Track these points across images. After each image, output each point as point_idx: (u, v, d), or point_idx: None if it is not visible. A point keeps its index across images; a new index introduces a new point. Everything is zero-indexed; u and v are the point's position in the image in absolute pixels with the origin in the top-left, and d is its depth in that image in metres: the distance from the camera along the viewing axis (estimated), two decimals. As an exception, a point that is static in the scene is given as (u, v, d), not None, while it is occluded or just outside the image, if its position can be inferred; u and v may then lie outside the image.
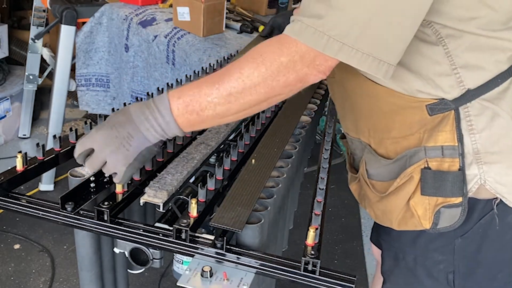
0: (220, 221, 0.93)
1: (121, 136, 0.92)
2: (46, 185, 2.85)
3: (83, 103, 2.89)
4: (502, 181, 1.02)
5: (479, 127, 0.99)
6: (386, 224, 1.15)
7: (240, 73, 0.87)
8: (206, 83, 0.90)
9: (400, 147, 1.07)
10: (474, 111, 0.99)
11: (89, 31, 2.72)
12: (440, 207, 1.04)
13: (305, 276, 0.88)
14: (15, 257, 2.38)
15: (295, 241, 1.63)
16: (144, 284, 2.29)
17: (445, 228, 1.05)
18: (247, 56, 0.88)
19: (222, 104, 0.89)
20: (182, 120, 0.91)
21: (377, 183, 1.14)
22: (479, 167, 1.01)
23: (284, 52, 0.86)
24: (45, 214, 0.98)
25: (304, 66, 0.86)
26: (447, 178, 1.02)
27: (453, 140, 1.00)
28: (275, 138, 1.29)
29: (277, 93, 0.89)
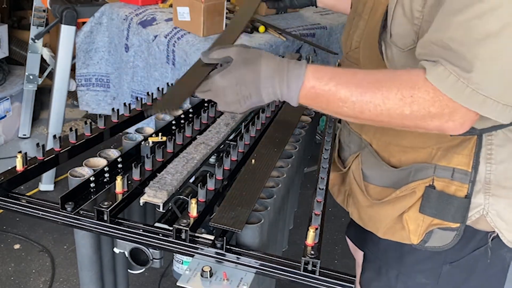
0: (220, 221, 0.93)
1: (242, 95, 0.91)
2: (46, 185, 2.85)
3: (83, 103, 2.89)
4: (504, 217, 0.99)
5: (498, 158, 0.96)
6: (369, 229, 1.13)
7: (383, 101, 0.82)
8: (347, 87, 0.84)
9: (406, 158, 1.04)
10: (497, 141, 0.95)
11: (89, 31, 2.72)
12: (434, 228, 1.02)
13: (305, 276, 0.88)
14: (15, 257, 2.38)
15: (295, 241, 1.63)
16: (144, 284, 2.29)
17: (433, 248, 1.03)
18: (400, 85, 0.82)
19: (349, 116, 0.87)
20: (304, 101, 0.89)
21: (371, 186, 1.12)
22: (486, 197, 0.99)
23: (436, 103, 0.80)
24: (45, 214, 0.98)
25: (450, 120, 0.81)
26: (453, 202, 0.98)
27: (468, 165, 0.96)
28: (275, 138, 1.29)
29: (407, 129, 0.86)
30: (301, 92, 0.87)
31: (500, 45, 0.75)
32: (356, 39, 1.09)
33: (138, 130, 1.29)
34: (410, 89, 0.81)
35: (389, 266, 1.16)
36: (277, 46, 2.50)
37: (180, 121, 1.37)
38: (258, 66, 0.89)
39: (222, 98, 0.93)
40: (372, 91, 0.82)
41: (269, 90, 0.89)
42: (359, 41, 1.08)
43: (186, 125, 1.28)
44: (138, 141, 1.23)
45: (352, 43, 1.11)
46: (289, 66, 0.88)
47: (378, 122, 0.85)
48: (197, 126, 1.33)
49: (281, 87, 0.88)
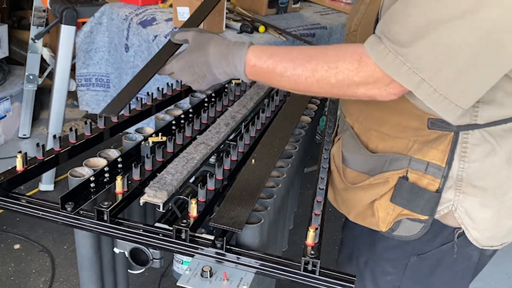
0: (220, 221, 0.93)
1: (198, 75, 1.06)
2: (46, 185, 2.85)
3: (83, 103, 2.89)
4: (471, 215, 1.01)
5: (473, 157, 0.97)
6: (342, 211, 1.16)
7: (312, 73, 0.91)
8: (282, 61, 0.94)
9: (384, 145, 1.06)
10: (473, 140, 0.96)
11: (89, 31, 2.72)
12: (403, 218, 1.03)
13: (305, 276, 0.88)
14: (15, 257, 2.38)
15: (295, 241, 1.63)
16: (144, 284, 2.29)
17: (400, 237, 1.06)
18: (327, 58, 0.89)
19: (289, 88, 0.97)
20: (251, 77, 1.01)
21: (348, 170, 1.14)
22: (456, 194, 1.00)
23: (360, 73, 0.86)
24: (45, 214, 0.98)
25: (376, 88, 0.86)
26: (423, 195, 1.01)
27: (442, 161, 0.98)
28: (275, 138, 1.29)
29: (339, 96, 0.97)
30: (245, 70, 0.99)
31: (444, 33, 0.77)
32: (356, 22, 1.12)
33: (138, 130, 1.29)
34: (335, 61, 0.88)
35: (360, 252, 1.19)
36: (277, 46, 2.50)
37: (180, 121, 1.37)
38: (207, 50, 1.03)
39: (182, 78, 1.10)
40: (302, 65, 0.91)
41: (220, 70, 1.03)
42: (357, 25, 1.11)
43: (186, 125, 1.28)
44: (138, 141, 1.23)
45: (352, 26, 1.14)
46: (233, 48, 1.00)
47: (313, 91, 0.94)
48: (197, 126, 1.33)
49: (229, 67, 1.01)
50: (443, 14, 0.77)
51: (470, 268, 1.11)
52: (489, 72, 0.81)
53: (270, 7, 2.82)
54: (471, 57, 0.78)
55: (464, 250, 1.06)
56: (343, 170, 1.15)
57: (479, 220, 1.01)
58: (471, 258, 1.09)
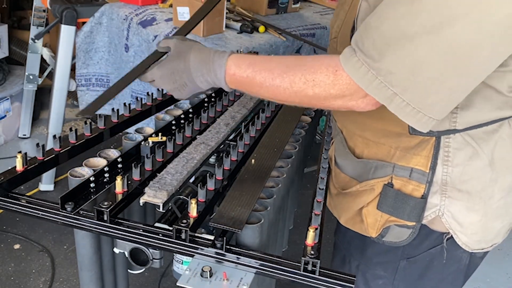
0: (220, 221, 0.93)
1: (178, 83, 1.06)
2: (46, 185, 2.85)
3: (83, 103, 2.89)
4: (459, 220, 1.01)
5: (455, 161, 0.97)
6: (334, 214, 1.17)
7: (290, 85, 0.91)
8: (260, 72, 0.94)
9: (368, 150, 1.06)
10: (455, 144, 0.96)
11: (89, 31, 2.72)
12: (391, 224, 1.04)
13: (305, 276, 0.88)
14: (15, 257, 2.38)
15: (295, 241, 1.63)
16: (144, 284, 2.29)
17: (390, 243, 1.06)
18: (304, 70, 0.89)
19: (268, 98, 0.97)
20: (232, 86, 1.01)
21: (341, 174, 1.15)
22: (442, 199, 1.00)
23: (336, 86, 0.86)
24: (45, 214, 0.98)
25: (353, 100, 0.87)
26: (409, 202, 1.01)
27: (426, 166, 0.98)
28: (275, 138, 1.29)
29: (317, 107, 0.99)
30: (226, 79, 0.99)
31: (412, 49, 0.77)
32: (336, 29, 1.12)
33: (138, 130, 1.29)
34: (312, 73, 0.88)
35: (352, 256, 1.19)
36: (277, 46, 2.50)
37: (180, 121, 1.37)
38: (188, 58, 1.04)
39: (163, 86, 1.10)
40: (281, 76, 0.91)
41: (201, 78, 1.02)
42: (338, 32, 1.11)
43: (186, 125, 1.28)
44: (138, 141, 1.23)
45: (333, 32, 1.14)
46: (214, 56, 1.00)
47: (293, 102, 0.94)
48: (197, 126, 1.33)
49: (210, 75, 1.01)
50: (413, 28, 0.77)
51: (461, 270, 1.11)
52: (461, 84, 0.81)
53: (270, 7, 2.82)
54: (442, 71, 0.78)
55: (453, 253, 1.06)
56: (336, 174, 1.16)
57: (466, 224, 1.01)
58: (461, 260, 1.09)
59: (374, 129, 1.03)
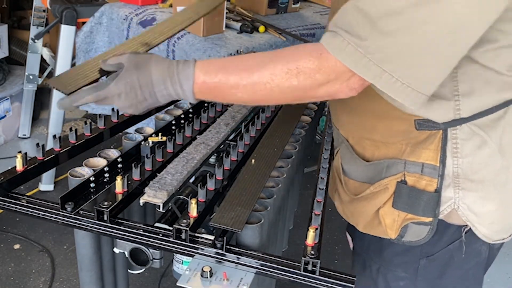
0: (220, 221, 0.93)
1: (138, 99, 0.96)
2: (46, 185, 2.85)
3: (83, 103, 2.89)
4: (475, 210, 1.00)
5: (464, 152, 0.97)
6: (352, 223, 1.15)
7: (271, 78, 0.86)
8: (235, 72, 0.89)
9: (378, 152, 1.06)
10: (462, 135, 0.96)
11: (89, 31, 2.72)
12: (409, 222, 1.03)
13: (305, 276, 0.88)
14: (15, 257, 2.38)
15: (295, 241, 1.63)
16: (144, 284, 2.29)
17: (410, 242, 1.05)
18: (284, 60, 0.86)
19: (246, 100, 0.92)
20: (200, 97, 0.94)
21: (351, 182, 1.13)
22: (456, 191, 1.00)
23: (322, 70, 0.83)
24: (45, 214, 0.98)
25: (337, 84, 0.85)
26: (422, 197, 1.00)
27: (436, 160, 0.98)
28: (275, 138, 1.29)
29: (300, 100, 0.91)
30: (194, 90, 0.92)
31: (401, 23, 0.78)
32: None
33: (138, 130, 1.29)
34: (294, 61, 0.85)
35: (372, 260, 1.18)
36: (277, 46, 2.50)
37: (180, 121, 1.37)
38: (149, 70, 0.94)
39: (119, 104, 0.97)
40: (259, 71, 0.87)
41: (164, 92, 0.94)
42: None
43: (186, 125, 1.28)
44: (138, 141, 1.23)
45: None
46: (178, 67, 0.92)
47: (273, 98, 0.89)
48: (197, 126, 1.33)
49: (175, 88, 0.93)
50: (399, 3, 0.77)
51: (481, 264, 1.10)
52: (449, 55, 0.82)
53: (270, 7, 2.82)
54: (431, 43, 0.79)
55: (472, 247, 1.06)
56: (346, 182, 1.15)
57: (483, 214, 1.01)
58: (480, 254, 1.08)
59: (382, 130, 1.03)
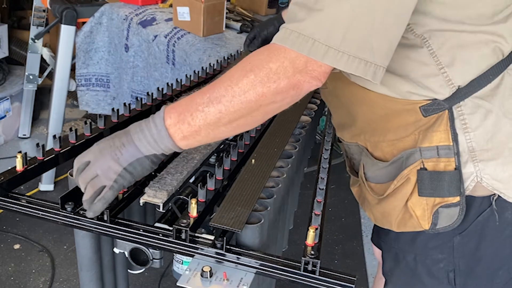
0: (220, 221, 0.93)
1: (115, 146, 0.92)
2: (46, 185, 2.85)
3: (83, 103, 2.89)
4: (498, 178, 1.02)
5: (473, 125, 1.00)
6: (386, 226, 1.15)
7: (230, 80, 0.86)
8: (199, 93, 0.89)
9: (396, 149, 1.07)
10: (467, 109, 0.99)
11: (89, 31, 2.72)
12: (438, 207, 1.04)
13: (305, 276, 0.88)
14: (15, 257, 2.38)
15: (295, 241, 1.63)
16: (144, 284, 2.29)
17: (444, 228, 1.05)
18: (238, 64, 0.88)
19: (212, 114, 0.87)
20: (175, 130, 0.89)
21: (376, 185, 1.15)
22: (475, 165, 1.02)
23: (273, 58, 0.84)
24: (45, 214, 0.98)
25: (296, 73, 0.84)
26: (444, 178, 1.02)
27: (448, 139, 1.00)
28: (275, 138, 1.29)
29: (269, 101, 0.86)
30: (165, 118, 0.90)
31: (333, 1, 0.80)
32: None
33: (138, 130, 1.29)
34: (246, 61, 0.86)
35: (405, 251, 1.19)
36: (277, 46, 2.50)
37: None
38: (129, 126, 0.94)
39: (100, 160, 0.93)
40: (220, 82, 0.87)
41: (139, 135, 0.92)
42: None
43: (186, 125, 1.28)
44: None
45: None
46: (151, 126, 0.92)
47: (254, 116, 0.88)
48: (197, 126, 1.33)
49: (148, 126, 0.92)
50: None
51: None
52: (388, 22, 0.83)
53: (270, 7, 2.82)
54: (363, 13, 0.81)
55: (502, 216, 1.07)
56: (371, 187, 1.17)
57: (507, 179, 1.03)
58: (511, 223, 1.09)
59: (393, 128, 1.05)
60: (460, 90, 0.97)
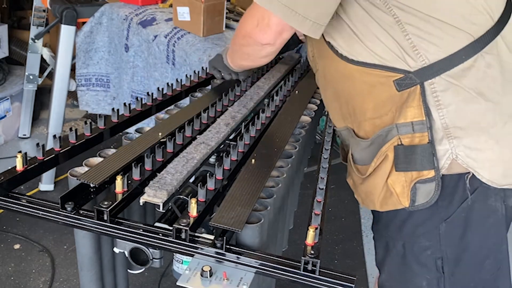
0: (220, 221, 0.93)
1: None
2: (46, 185, 2.85)
3: (83, 103, 2.89)
4: (472, 156, 1.05)
5: (446, 101, 1.03)
6: (370, 207, 1.19)
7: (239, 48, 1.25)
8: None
9: (377, 128, 1.11)
10: (440, 87, 1.02)
11: (89, 31, 2.72)
12: (415, 183, 1.07)
13: (305, 276, 0.88)
14: (15, 257, 2.38)
15: (295, 241, 1.63)
16: (144, 284, 2.29)
17: (423, 205, 1.09)
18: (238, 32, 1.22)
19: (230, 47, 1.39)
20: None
21: (361, 167, 1.19)
22: (450, 141, 1.05)
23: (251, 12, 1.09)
24: (45, 214, 0.98)
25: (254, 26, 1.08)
26: (416, 151, 1.05)
27: (421, 115, 1.04)
28: (275, 138, 1.29)
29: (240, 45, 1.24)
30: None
31: None
32: (310, 49, 1.26)
33: (138, 130, 1.29)
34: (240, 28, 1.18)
35: (394, 238, 1.21)
36: (277, 46, 2.50)
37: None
38: None
39: None
40: None
41: None
42: (313, 50, 1.25)
43: (186, 125, 1.28)
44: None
45: (310, 54, 1.28)
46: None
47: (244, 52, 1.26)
48: (197, 126, 1.33)
49: None
50: None
51: (500, 221, 1.13)
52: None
53: (270, 7, 2.82)
54: None
55: (486, 203, 1.09)
56: (357, 169, 1.22)
57: (481, 159, 1.05)
58: (496, 210, 1.11)
59: (372, 105, 1.11)
60: (432, 66, 1.01)
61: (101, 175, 1.03)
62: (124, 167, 1.08)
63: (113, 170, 1.06)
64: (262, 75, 1.79)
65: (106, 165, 1.07)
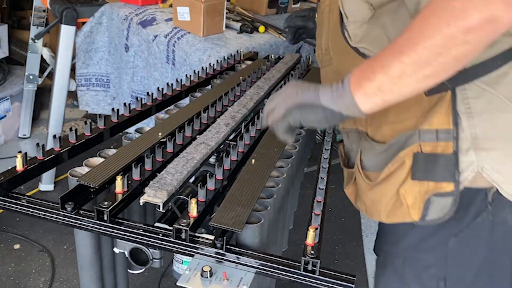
0: (220, 221, 0.93)
1: (301, 86, 0.96)
2: (46, 185, 2.85)
3: (83, 103, 2.89)
4: (499, 169, 0.97)
5: (478, 109, 0.95)
6: (374, 216, 1.11)
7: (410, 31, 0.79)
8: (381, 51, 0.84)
9: (396, 133, 1.03)
10: (472, 93, 0.95)
11: (89, 31, 2.72)
12: (430, 195, 0.99)
13: (305, 276, 0.88)
14: (15, 257, 2.38)
15: (295, 241, 1.63)
16: (144, 284, 2.29)
17: (434, 221, 1.01)
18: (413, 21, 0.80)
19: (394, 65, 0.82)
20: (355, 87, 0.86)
21: (371, 174, 1.11)
22: (477, 153, 0.97)
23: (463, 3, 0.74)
24: (45, 214, 0.98)
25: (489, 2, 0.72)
26: (439, 160, 0.98)
27: (448, 123, 0.96)
28: (275, 138, 1.29)
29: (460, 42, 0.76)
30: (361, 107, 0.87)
31: None
32: (325, 42, 1.15)
33: (138, 130, 1.29)
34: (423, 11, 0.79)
35: (393, 255, 1.15)
36: (277, 46, 2.50)
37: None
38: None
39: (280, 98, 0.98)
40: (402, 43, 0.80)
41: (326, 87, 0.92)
42: (327, 42, 1.14)
43: (186, 125, 1.28)
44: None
45: (322, 46, 1.16)
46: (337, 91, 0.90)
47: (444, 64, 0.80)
48: (197, 126, 1.33)
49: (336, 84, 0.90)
50: None
51: (506, 233, 1.05)
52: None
53: (270, 7, 2.82)
54: None
55: (498, 215, 1.02)
56: (366, 175, 1.14)
57: (507, 172, 0.98)
58: (506, 222, 1.04)
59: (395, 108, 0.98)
60: (465, 71, 0.92)
61: (101, 176, 1.03)
62: (124, 167, 1.08)
63: (113, 170, 1.06)
64: (262, 75, 1.79)
65: (106, 166, 1.07)
